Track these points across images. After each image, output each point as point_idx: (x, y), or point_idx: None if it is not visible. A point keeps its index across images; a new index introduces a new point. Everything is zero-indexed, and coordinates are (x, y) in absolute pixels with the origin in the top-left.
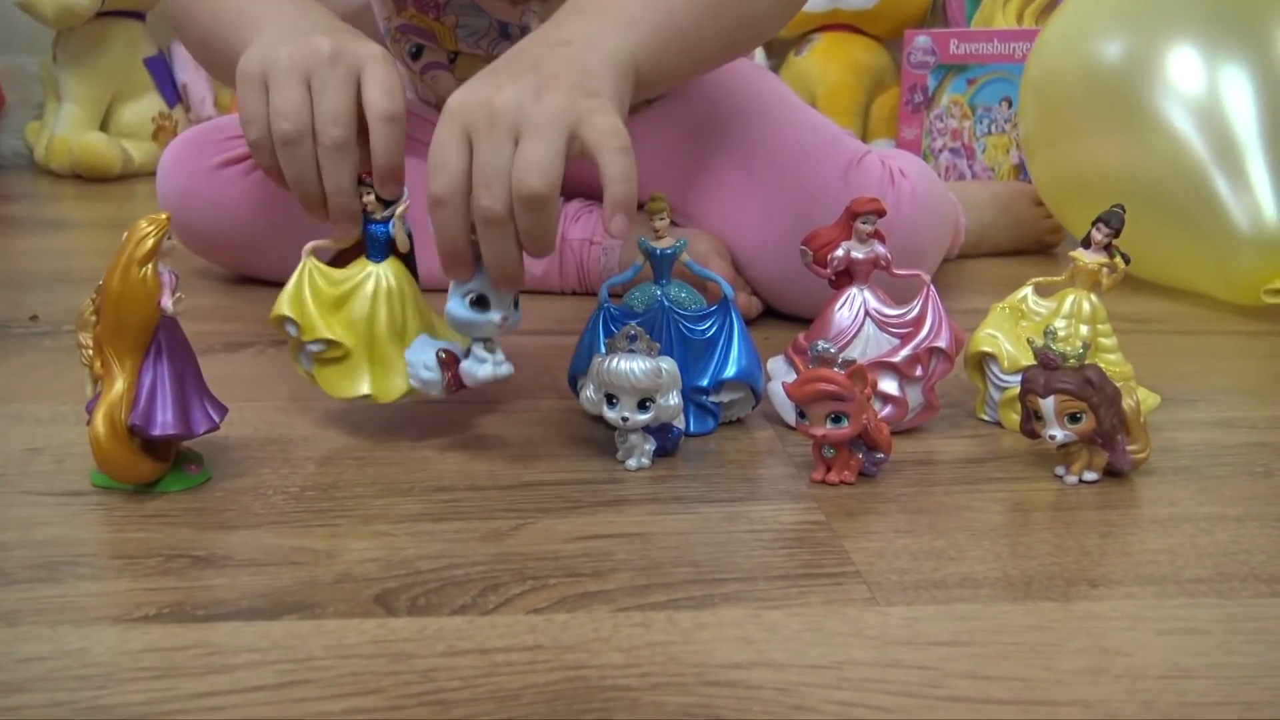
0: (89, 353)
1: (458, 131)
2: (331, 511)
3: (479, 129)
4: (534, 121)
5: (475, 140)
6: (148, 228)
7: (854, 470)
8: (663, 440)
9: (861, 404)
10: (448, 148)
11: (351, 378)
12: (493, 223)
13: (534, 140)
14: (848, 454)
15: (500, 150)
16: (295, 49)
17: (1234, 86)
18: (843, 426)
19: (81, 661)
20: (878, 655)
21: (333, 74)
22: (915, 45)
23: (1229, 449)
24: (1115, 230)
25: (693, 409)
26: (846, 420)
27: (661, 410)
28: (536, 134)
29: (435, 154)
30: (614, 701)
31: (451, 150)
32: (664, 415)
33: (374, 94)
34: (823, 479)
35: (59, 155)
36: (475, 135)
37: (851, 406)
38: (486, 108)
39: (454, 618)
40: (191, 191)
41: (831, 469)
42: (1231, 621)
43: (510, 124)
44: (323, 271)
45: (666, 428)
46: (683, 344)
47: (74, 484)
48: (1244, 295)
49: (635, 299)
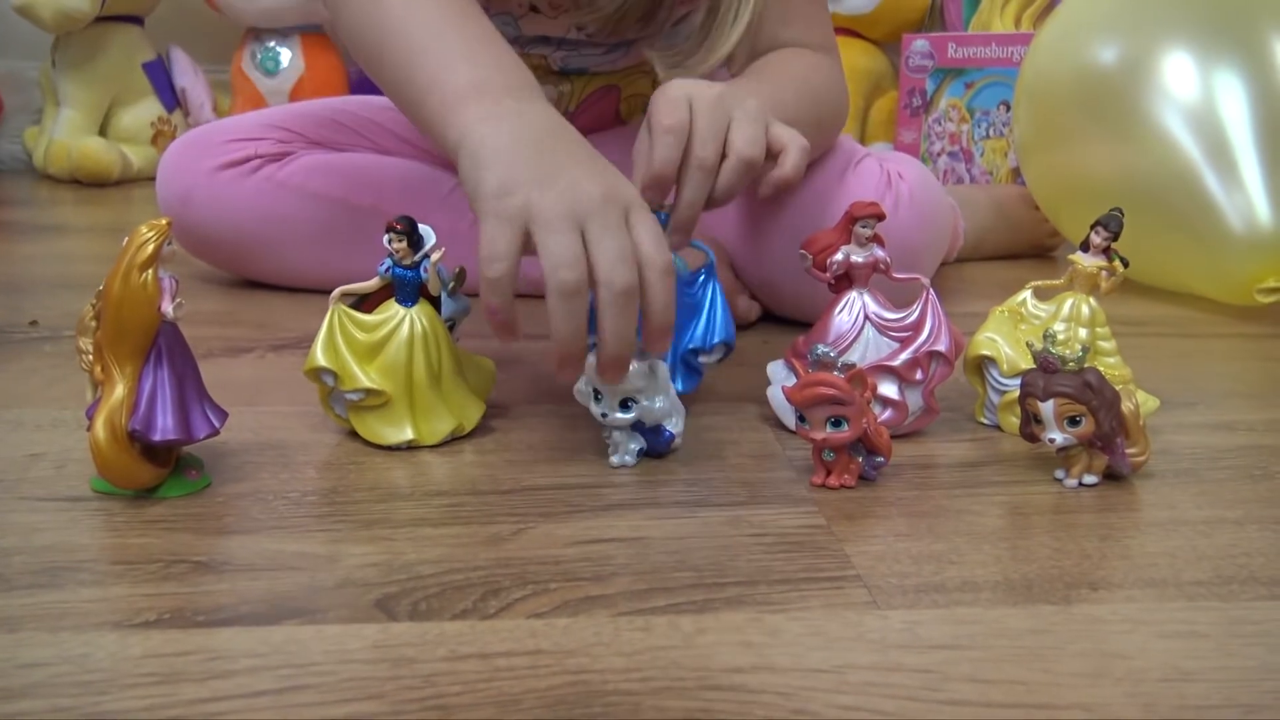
0: (89, 358)
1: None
2: (332, 516)
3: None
4: None
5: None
6: (148, 233)
7: (854, 474)
8: (653, 442)
9: (861, 408)
10: (563, 241)
11: (394, 424)
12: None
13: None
14: (848, 458)
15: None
16: (563, 193)
17: (1226, 89)
18: (843, 430)
19: (82, 667)
20: (878, 659)
21: (610, 217)
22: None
23: (1228, 452)
24: (1114, 234)
25: (682, 370)
26: (846, 424)
27: (644, 411)
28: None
29: (490, 249)
30: (615, 706)
31: (567, 243)
32: (647, 417)
33: (648, 244)
34: (823, 483)
35: (58, 160)
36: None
37: (851, 410)
38: None
39: (455, 622)
40: (191, 194)
41: (831, 473)
42: (1231, 624)
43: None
44: (353, 318)
45: (658, 430)
46: (678, 306)
47: (74, 489)
48: (1238, 295)
49: None
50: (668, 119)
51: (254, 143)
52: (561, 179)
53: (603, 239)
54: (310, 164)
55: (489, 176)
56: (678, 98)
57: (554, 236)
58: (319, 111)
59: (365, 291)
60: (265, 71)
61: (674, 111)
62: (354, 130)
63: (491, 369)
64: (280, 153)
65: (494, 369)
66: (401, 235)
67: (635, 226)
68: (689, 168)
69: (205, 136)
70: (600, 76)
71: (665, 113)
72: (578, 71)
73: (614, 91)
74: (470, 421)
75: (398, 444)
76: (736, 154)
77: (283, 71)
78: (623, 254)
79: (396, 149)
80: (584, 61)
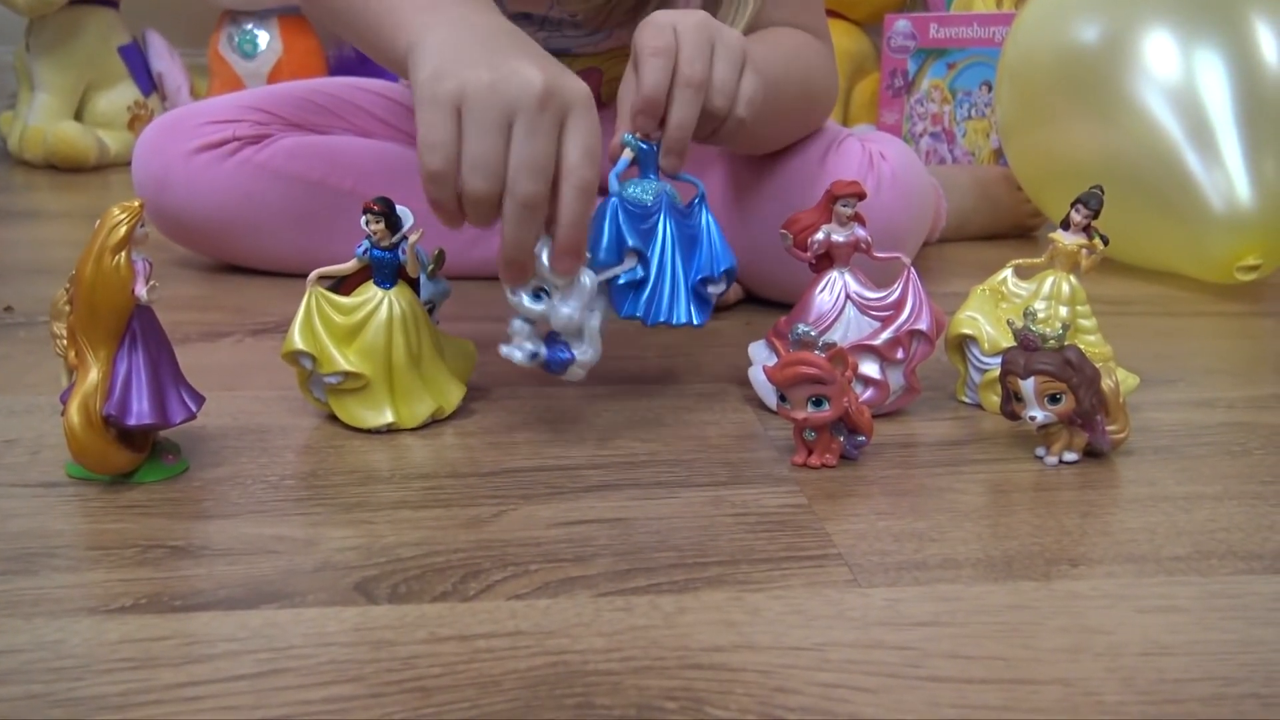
0: (63, 343)
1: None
2: (310, 500)
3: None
4: None
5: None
6: (120, 215)
7: (835, 453)
8: (550, 355)
9: (842, 387)
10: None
11: (374, 408)
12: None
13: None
14: (829, 437)
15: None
16: (500, 79)
17: (1207, 67)
18: (824, 410)
19: (57, 653)
20: (859, 636)
21: (540, 119)
22: (895, 30)
23: (1208, 429)
24: (1094, 212)
25: (695, 301)
26: (827, 404)
27: (552, 311)
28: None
29: (428, 137)
30: (596, 686)
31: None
32: (555, 320)
33: (574, 155)
34: (804, 462)
35: (33, 145)
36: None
37: (832, 390)
38: None
39: (435, 605)
40: (167, 177)
41: (813, 452)
42: (1210, 599)
43: None
44: (331, 300)
45: (560, 346)
46: (679, 238)
47: (49, 475)
48: (1218, 273)
49: (642, 189)
50: (654, 42)
51: (232, 125)
52: (503, 65)
53: (522, 142)
54: (289, 146)
55: (426, 66)
56: (663, 24)
57: (477, 133)
58: (297, 93)
59: (343, 274)
60: (243, 54)
61: (659, 35)
62: (332, 112)
63: (472, 351)
64: (258, 135)
65: (474, 351)
66: (379, 217)
67: (569, 132)
68: (678, 87)
69: (182, 119)
70: (583, 59)
71: (651, 36)
72: (560, 52)
73: (596, 74)
74: (450, 404)
75: (377, 427)
76: (713, 101)
77: (261, 54)
78: (535, 163)
79: (376, 131)
80: (566, 42)
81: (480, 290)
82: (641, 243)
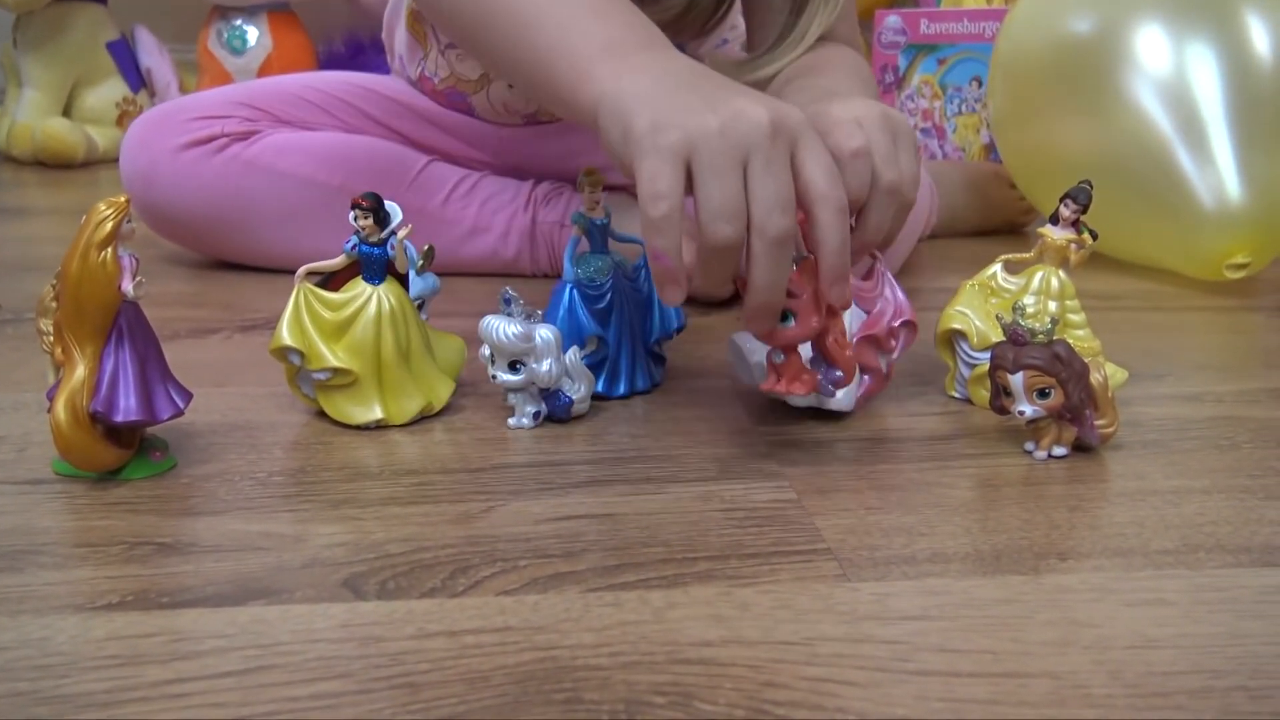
0: (50, 339)
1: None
2: (299, 496)
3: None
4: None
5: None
6: (106, 210)
7: (806, 385)
8: (552, 406)
9: (812, 304)
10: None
11: (362, 404)
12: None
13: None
14: (800, 362)
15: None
16: (728, 122)
17: (1199, 64)
18: (789, 326)
19: (42, 650)
20: (848, 631)
21: (774, 153)
22: (885, 25)
23: (1196, 423)
24: (1083, 206)
25: (651, 360)
26: (794, 318)
27: (532, 374)
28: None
29: (653, 186)
30: (585, 681)
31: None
32: (539, 380)
33: (820, 178)
34: (771, 388)
35: (21, 142)
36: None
37: (799, 304)
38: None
39: (423, 600)
40: (154, 173)
41: (782, 377)
42: (1198, 592)
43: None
44: (319, 296)
45: (556, 394)
46: (633, 306)
47: (36, 472)
48: (1207, 270)
49: (595, 269)
50: (852, 143)
51: (220, 121)
52: (725, 107)
53: (764, 180)
54: (278, 143)
55: (639, 118)
56: (848, 119)
57: (715, 180)
58: (286, 89)
59: (331, 269)
60: (232, 50)
61: (856, 134)
62: (321, 108)
63: (461, 347)
64: (247, 131)
65: (464, 347)
66: (367, 212)
67: (805, 160)
68: (877, 192)
69: (169, 114)
70: None
71: (847, 135)
72: None
73: None
74: (440, 400)
75: (366, 423)
76: (904, 194)
77: (250, 50)
78: (781, 198)
79: (365, 127)
80: None
81: (470, 286)
82: (600, 325)
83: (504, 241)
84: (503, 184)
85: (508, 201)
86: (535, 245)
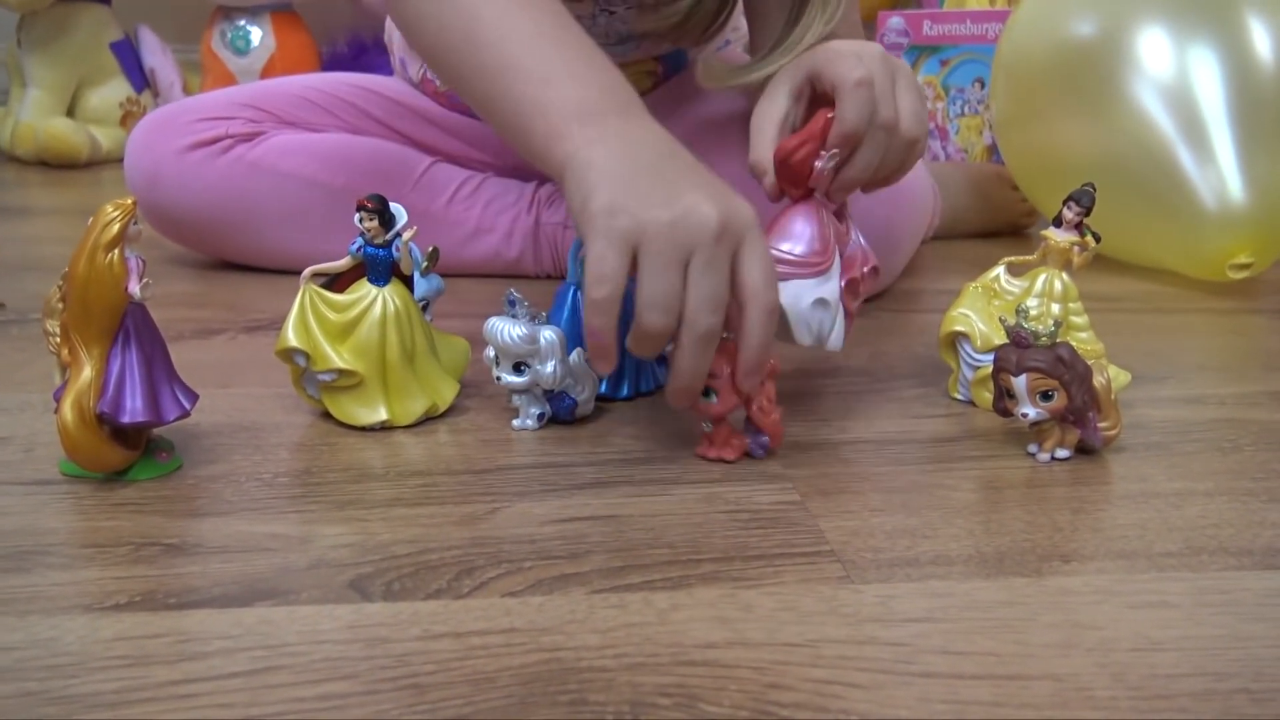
0: (56, 340)
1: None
2: (305, 497)
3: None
4: None
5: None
6: (113, 212)
7: (736, 449)
8: (556, 407)
9: (730, 382)
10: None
11: (368, 405)
12: None
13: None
14: (729, 430)
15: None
16: (678, 218)
17: (1200, 65)
18: (712, 402)
19: (51, 651)
20: (852, 633)
21: (716, 253)
22: (889, 27)
23: (1199, 425)
24: (1086, 209)
25: (652, 363)
26: (715, 396)
27: (537, 376)
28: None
29: (598, 269)
30: (590, 683)
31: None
32: (543, 381)
33: (757, 279)
34: (704, 454)
35: (25, 142)
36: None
37: (720, 383)
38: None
39: (429, 602)
40: (159, 174)
41: (714, 444)
42: (1200, 594)
43: None
44: (325, 298)
45: (560, 396)
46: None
47: (43, 473)
48: (1210, 271)
49: None
50: (856, 73)
51: (224, 122)
52: (679, 202)
53: (702, 279)
54: (282, 144)
55: (599, 195)
56: (850, 53)
57: (657, 273)
58: (290, 90)
59: (336, 271)
60: (236, 50)
61: (859, 65)
62: (325, 109)
63: (466, 348)
64: (251, 132)
65: (468, 348)
66: (373, 214)
67: (744, 259)
68: (871, 126)
69: (173, 115)
70: None
71: (851, 67)
72: None
73: None
74: (444, 401)
75: (371, 424)
76: (905, 130)
77: (254, 50)
78: (714, 298)
79: (369, 128)
80: None
81: (474, 287)
82: None
83: (507, 243)
84: (506, 185)
85: (511, 203)
86: (539, 246)
